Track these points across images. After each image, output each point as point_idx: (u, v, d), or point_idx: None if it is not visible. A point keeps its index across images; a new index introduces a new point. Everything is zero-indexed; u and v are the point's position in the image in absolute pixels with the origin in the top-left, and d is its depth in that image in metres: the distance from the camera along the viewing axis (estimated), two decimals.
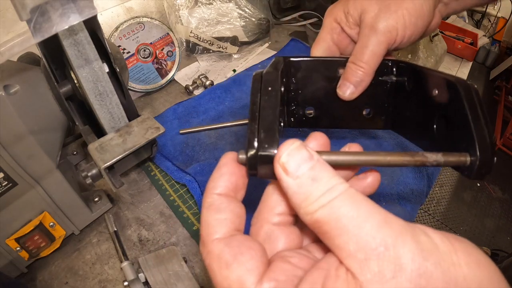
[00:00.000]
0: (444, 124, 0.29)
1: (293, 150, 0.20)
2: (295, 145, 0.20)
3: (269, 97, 0.25)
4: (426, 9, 0.34)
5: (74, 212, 0.53)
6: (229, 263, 0.19)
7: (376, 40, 0.34)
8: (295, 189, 0.19)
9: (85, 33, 0.41)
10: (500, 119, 1.30)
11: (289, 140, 0.20)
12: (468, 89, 0.26)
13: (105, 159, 0.45)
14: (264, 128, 0.23)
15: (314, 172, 0.19)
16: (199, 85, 0.83)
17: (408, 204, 0.57)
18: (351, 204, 0.17)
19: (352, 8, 0.36)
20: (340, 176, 0.19)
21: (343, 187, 0.18)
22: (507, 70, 1.26)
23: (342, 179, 0.19)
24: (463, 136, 0.25)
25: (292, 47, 0.95)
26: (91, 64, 0.43)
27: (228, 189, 0.23)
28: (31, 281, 0.50)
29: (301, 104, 0.37)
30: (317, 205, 0.18)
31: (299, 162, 0.19)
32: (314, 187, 0.18)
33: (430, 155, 0.23)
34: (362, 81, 0.34)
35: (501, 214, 1.04)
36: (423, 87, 0.31)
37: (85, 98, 0.46)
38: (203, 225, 0.21)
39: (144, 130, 0.49)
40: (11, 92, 0.41)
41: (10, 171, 0.43)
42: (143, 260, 0.49)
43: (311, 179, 0.18)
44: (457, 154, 0.24)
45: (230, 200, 0.22)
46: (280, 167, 0.20)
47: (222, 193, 0.22)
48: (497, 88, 1.35)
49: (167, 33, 0.82)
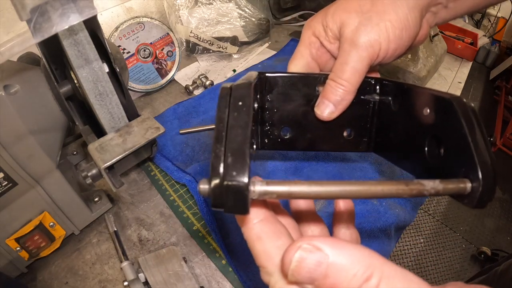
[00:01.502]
0: (437, 146, 0.26)
1: (297, 268, 0.17)
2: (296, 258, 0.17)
3: (239, 113, 0.21)
4: (411, 20, 0.31)
5: (74, 212, 0.53)
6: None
7: (357, 55, 0.31)
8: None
9: (85, 33, 0.41)
10: (500, 119, 1.30)
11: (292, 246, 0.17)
12: (464, 107, 0.23)
13: (105, 159, 0.45)
14: (232, 151, 0.19)
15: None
16: (199, 85, 0.83)
17: (408, 204, 0.57)
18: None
19: (331, 21, 0.33)
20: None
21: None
22: (507, 70, 1.26)
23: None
24: (461, 159, 0.22)
25: (292, 47, 0.95)
26: (91, 64, 0.43)
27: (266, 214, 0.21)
28: (31, 281, 0.50)
29: (277, 124, 0.33)
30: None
31: (309, 275, 0.17)
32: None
33: (427, 182, 0.20)
34: (342, 100, 0.31)
35: (501, 214, 1.04)
36: (411, 106, 0.28)
37: (85, 98, 0.46)
38: (262, 256, 0.20)
39: (144, 130, 0.49)
40: (11, 92, 0.41)
41: (10, 171, 0.43)
42: (143, 260, 0.49)
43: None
44: (455, 180, 0.21)
45: (275, 220, 0.21)
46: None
47: (263, 219, 0.21)
48: (497, 88, 1.35)
49: (167, 33, 0.82)
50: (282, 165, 0.62)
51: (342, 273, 0.16)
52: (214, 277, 0.50)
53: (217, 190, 0.18)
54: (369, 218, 0.54)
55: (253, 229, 0.21)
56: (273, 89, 0.32)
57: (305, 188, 0.19)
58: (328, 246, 0.17)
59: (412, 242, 0.88)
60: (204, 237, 0.55)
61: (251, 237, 0.21)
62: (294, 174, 0.61)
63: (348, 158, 0.65)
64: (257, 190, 0.19)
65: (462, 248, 0.86)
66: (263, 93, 0.32)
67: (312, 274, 0.17)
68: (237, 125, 0.20)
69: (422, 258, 0.68)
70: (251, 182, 0.18)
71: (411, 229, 0.74)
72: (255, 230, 0.21)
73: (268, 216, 0.21)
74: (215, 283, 0.50)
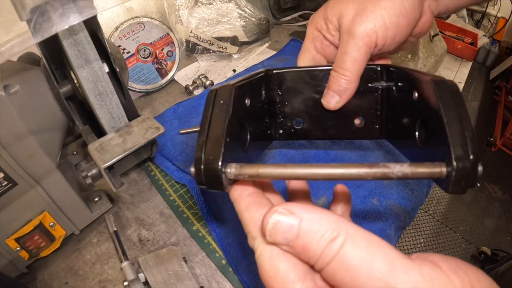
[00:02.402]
0: (424, 130, 0.26)
1: (273, 229, 0.19)
2: (272, 220, 0.20)
3: (219, 110, 0.25)
4: (408, 5, 0.31)
5: (74, 212, 0.53)
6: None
7: (355, 45, 0.32)
8: (294, 252, 0.19)
9: (85, 33, 0.41)
10: (500, 119, 1.30)
11: (268, 212, 0.20)
12: (443, 87, 0.23)
13: (105, 159, 0.45)
14: (211, 141, 0.23)
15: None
16: (199, 85, 0.83)
17: (408, 204, 0.57)
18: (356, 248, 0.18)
19: (331, 14, 0.34)
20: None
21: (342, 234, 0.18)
22: (507, 70, 1.26)
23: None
24: (439, 142, 0.22)
25: (292, 47, 0.96)
26: (91, 64, 0.43)
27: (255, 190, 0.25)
28: (31, 281, 0.50)
29: (289, 116, 0.36)
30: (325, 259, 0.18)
31: (284, 235, 0.19)
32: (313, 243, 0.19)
33: (393, 165, 0.20)
34: (346, 89, 0.32)
35: (501, 214, 1.04)
36: (407, 91, 0.29)
37: (85, 98, 0.46)
38: (248, 223, 0.23)
39: (144, 130, 0.49)
40: (11, 92, 0.41)
41: (10, 171, 0.43)
42: (143, 260, 0.49)
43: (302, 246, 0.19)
44: (430, 164, 0.21)
45: (261, 195, 0.24)
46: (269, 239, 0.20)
47: (251, 193, 0.24)
48: (497, 88, 1.35)
49: (167, 33, 0.82)
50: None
51: (311, 234, 0.19)
52: (214, 277, 0.50)
53: (198, 171, 0.23)
54: (369, 218, 0.54)
55: (242, 201, 0.24)
56: (282, 84, 0.34)
57: (271, 170, 0.22)
58: (301, 210, 0.19)
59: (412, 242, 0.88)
60: (204, 237, 0.55)
61: (240, 208, 0.24)
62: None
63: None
64: (233, 172, 0.23)
65: (462, 248, 0.86)
66: (273, 88, 0.34)
67: (286, 235, 0.19)
68: (217, 120, 0.24)
69: None
70: (228, 165, 0.23)
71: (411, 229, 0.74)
72: (244, 202, 0.24)
73: (255, 191, 0.25)
74: (215, 283, 0.50)
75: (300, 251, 0.19)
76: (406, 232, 0.94)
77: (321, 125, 0.36)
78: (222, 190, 0.23)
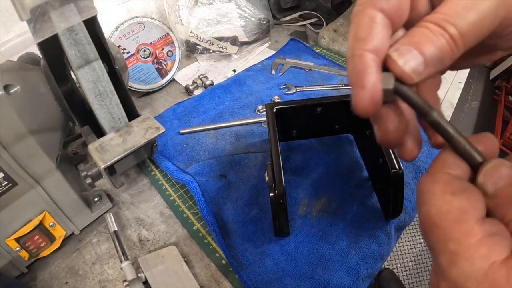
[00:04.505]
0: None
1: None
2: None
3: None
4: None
5: (74, 212, 0.53)
6: (456, 192, 0.19)
7: (494, 4, 0.20)
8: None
9: (85, 33, 0.41)
10: (500, 119, 1.30)
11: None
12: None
13: (105, 159, 0.45)
14: (275, 171, 0.45)
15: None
16: (199, 85, 0.83)
17: (409, 203, 0.57)
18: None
19: None
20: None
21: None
22: (507, 70, 1.26)
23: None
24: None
25: (292, 47, 0.95)
26: (91, 64, 0.43)
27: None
28: (31, 281, 0.50)
29: (288, 129, 0.60)
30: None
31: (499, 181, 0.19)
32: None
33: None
34: (441, 58, 0.20)
35: None
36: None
37: (85, 98, 0.46)
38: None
39: (144, 130, 0.49)
40: (11, 92, 0.41)
41: (10, 171, 0.43)
42: (143, 260, 0.49)
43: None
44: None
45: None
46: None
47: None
48: (497, 88, 1.35)
49: (167, 33, 0.82)
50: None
51: None
52: (214, 277, 0.50)
53: (273, 199, 0.41)
54: (369, 218, 0.54)
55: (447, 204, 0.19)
56: (283, 114, 0.55)
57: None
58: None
59: (412, 242, 0.88)
60: (204, 237, 0.55)
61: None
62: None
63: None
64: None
65: None
66: (277, 116, 0.54)
67: (501, 182, 0.19)
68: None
69: (422, 258, 0.68)
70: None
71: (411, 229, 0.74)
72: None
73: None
74: (215, 283, 0.50)
75: (504, 201, 0.17)
76: (406, 232, 0.93)
77: (309, 131, 0.61)
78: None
